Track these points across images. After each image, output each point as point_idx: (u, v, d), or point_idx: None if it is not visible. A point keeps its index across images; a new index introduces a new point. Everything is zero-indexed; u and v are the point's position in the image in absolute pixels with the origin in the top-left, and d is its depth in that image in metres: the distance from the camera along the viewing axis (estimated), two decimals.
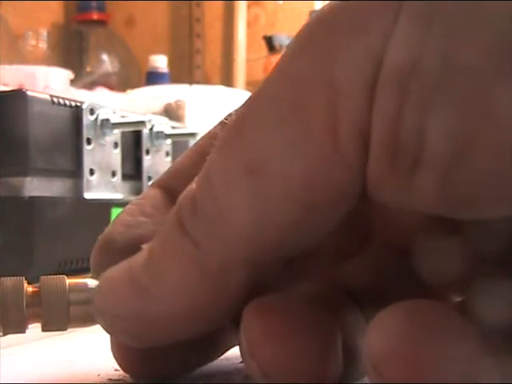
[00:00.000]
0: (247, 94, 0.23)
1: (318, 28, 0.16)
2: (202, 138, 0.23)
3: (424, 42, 0.14)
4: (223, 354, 0.22)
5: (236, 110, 0.18)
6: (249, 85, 1.46)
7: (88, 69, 1.41)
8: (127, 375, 0.22)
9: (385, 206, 0.16)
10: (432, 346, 0.14)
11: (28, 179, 0.41)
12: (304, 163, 0.16)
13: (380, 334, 0.15)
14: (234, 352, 0.22)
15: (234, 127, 0.17)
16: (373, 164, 0.15)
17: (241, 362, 0.23)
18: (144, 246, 0.19)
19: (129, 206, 0.22)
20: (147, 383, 0.21)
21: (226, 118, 0.22)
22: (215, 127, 0.22)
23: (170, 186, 0.22)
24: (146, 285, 0.18)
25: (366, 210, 0.20)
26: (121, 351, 0.21)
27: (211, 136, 0.22)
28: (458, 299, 0.21)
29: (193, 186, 0.18)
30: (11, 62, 0.87)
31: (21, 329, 0.20)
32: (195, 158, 0.22)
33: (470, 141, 0.14)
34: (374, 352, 0.15)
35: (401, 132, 0.14)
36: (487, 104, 0.14)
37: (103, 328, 0.19)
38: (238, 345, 0.18)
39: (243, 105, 0.17)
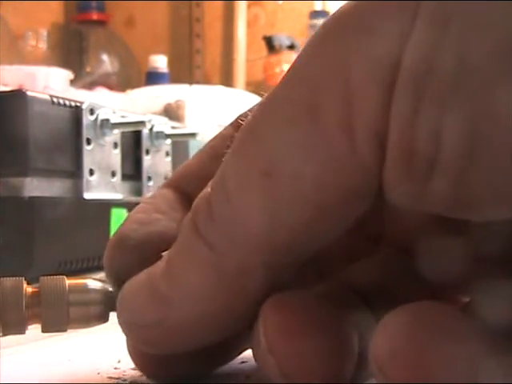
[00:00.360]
0: (247, 94, 0.23)
1: (334, 29, 0.16)
2: (214, 139, 0.23)
3: (441, 42, 0.14)
4: (235, 357, 0.22)
5: (251, 111, 0.18)
6: (248, 85, 1.46)
7: (88, 69, 1.41)
8: (126, 373, 0.22)
9: (394, 207, 0.16)
10: (435, 347, 0.14)
11: (28, 179, 0.41)
12: (318, 164, 0.16)
13: (385, 336, 0.15)
14: None
15: (248, 129, 0.17)
16: (389, 165, 0.15)
17: (242, 363, 0.23)
18: (164, 254, 0.19)
19: (141, 205, 0.22)
20: (147, 383, 0.21)
21: (238, 119, 0.22)
22: (226, 128, 0.22)
23: (182, 187, 0.22)
24: (164, 292, 0.18)
25: (379, 212, 0.20)
26: (137, 352, 0.21)
27: (222, 137, 0.22)
28: (467, 299, 0.21)
29: (208, 189, 0.18)
30: (11, 62, 0.87)
31: (20, 329, 0.20)
32: (206, 159, 0.22)
33: (483, 141, 0.14)
34: (378, 353, 0.15)
35: (417, 133, 0.15)
36: (501, 104, 0.14)
37: (128, 338, 0.20)
38: (251, 347, 0.18)
39: (258, 106, 0.17)
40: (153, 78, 1.26)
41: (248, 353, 0.19)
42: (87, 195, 0.46)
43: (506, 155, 0.14)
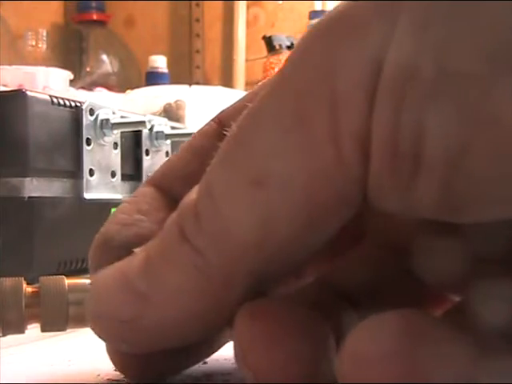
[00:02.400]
0: None
1: (318, 39, 0.16)
2: (194, 136, 0.23)
3: (420, 48, 0.14)
4: (218, 350, 0.22)
5: (232, 108, 0.17)
6: (248, 85, 1.46)
7: (88, 69, 1.41)
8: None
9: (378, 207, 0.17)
10: (403, 359, 0.15)
11: (28, 179, 0.41)
12: (307, 174, 0.16)
13: (350, 343, 0.15)
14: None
15: (235, 139, 0.17)
16: (374, 171, 0.15)
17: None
18: (136, 250, 0.19)
19: (123, 205, 0.22)
20: (147, 383, 0.21)
21: (219, 115, 0.22)
22: (208, 124, 0.23)
23: (164, 185, 0.22)
24: (143, 290, 0.18)
25: (362, 211, 0.20)
26: (118, 354, 0.21)
27: (204, 133, 0.22)
28: (457, 299, 0.21)
29: (192, 195, 0.18)
30: (11, 63, 0.87)
31: (20, 329, 0.20)
32: (188, 157, 0.22)
33: (466, 145, 0.14)
34: (342, 357, 0.15)
35: (399, 138, 0.15)
36: (482, 108, 0.14)
37: (97, 334, 0.19)
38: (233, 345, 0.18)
39: (244, 116, 0.17)
40: (152, 78, 1.26)
41: None
42: (87, 195, 0.46)
43: (496, 159, 0.14)
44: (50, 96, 0.44)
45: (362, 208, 0.16)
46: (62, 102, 0.44)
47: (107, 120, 0.47)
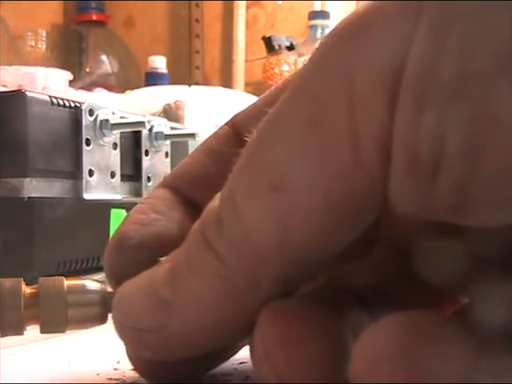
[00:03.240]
0: (246, 95, 0.23)
1: (335, 42, 0.16)
2: (209, 139, 0.23)
3: (442, 49, 0.14)
4: (234, 354, 0.22)
5: (246, 111, 0.17)
6: (248, 85, 1.46)
7: (87, 69, 1.41)
8: (126, 374, 0.22)
9: (391, 210, 0.17)
10: (407, 359, 0.15)
11: (27, 180, 0.41)
12: (326, 178, 0.16)
13: (362, 351, 0.15)
14: None
15: (254, 145, 0.17)
16: (394, 172, 0.15)
17: (241, 363, 0.23)
18: (162, 259, 0.19)
19: (139, 205, 0.22)
20: (147, 383, 0.21)
21: (233, 118, 0.22)
22: (222, 127, 0.23)
23: (178, 187, 0.22)
24: (168, 299, 0.18)
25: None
26: (139, 359, 0.21)
27: (218, 136, 0.22)
28: (465, 300, 0.21)
29: (216, 202, 0.18)
30: (10, 63, 0.87)
31: (18, 330, 0.20)
32: (202, 159, 0.22)
33: (484, 145, 0.14)
34: (355, 368, 0.15)
35: (421, 139, 0.15)
36: (500, 109, 0.14)
37: (121, 340, 0.20)
38: (250, 347, 0.18)
39: (264, 121, 0.17)
40: (152, 78, 1.26)
41: (247, 353, 0.19)
42: (86, 196, 0.46)
43: (504, 159, 0.14)
44: (50, 96, 0.44)
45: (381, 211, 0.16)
46: (61, 102, 0.44)
47: (107, 120, 0.47)
